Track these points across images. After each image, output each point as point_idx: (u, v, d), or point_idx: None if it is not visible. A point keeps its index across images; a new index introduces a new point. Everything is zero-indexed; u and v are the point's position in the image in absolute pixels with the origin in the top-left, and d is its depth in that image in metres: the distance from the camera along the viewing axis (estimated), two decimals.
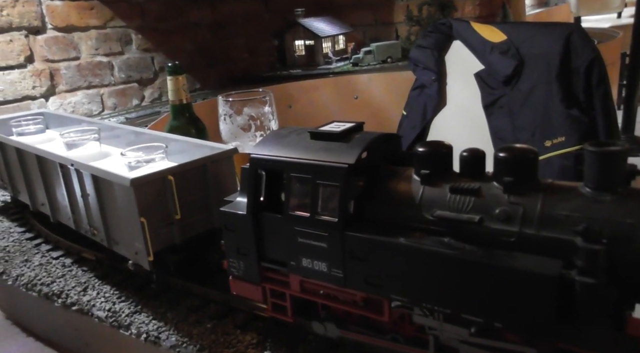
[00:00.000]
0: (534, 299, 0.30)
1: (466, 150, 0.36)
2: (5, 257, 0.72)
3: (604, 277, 0.28)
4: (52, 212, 0.68)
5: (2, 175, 0.81)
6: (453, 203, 0.35)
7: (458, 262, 0.33)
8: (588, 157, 0.31)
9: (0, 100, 1.48)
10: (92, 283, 0.61)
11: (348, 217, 0.37)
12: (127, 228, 0.53)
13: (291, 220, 0.39)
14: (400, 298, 0.36)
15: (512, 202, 0.33)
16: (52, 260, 0.69)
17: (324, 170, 0.38)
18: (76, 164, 0.57)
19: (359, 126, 0.42)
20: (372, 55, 2.06)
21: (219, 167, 0.56)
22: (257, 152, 0.41)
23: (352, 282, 0.38)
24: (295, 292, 0.42)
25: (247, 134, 0.77)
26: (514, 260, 0.31)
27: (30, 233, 0.78)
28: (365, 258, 0.36)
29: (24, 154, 0.70)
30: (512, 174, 0.33)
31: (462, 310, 0.33)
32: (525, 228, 0.32)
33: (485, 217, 0.34)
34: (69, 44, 1.64)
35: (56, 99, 1.62)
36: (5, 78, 1.48)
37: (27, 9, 1.51)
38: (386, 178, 0.39)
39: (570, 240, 0.30)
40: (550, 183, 0.33)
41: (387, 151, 0.42)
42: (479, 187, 0.35)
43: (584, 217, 0.30)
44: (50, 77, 1.60)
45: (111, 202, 0.54)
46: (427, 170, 0.37)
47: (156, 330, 0.50)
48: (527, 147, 0.34)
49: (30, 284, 0.64)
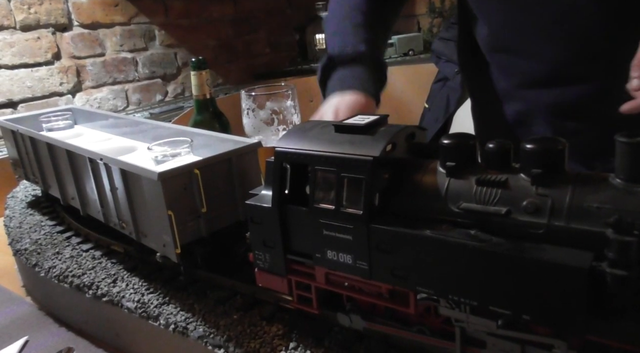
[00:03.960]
0: (564, 291, 0.30)
1: (492, 141, 0.36)
2: (38, 250, 0.74)
3: (637, 269, 0.27)
4: (82, 205, 0.70)
5: (33, 170, 0.83)
6: (480, 195, 0.35)
7: (485, 254, 0.32)
8: (619, 147, 0.30)
9: (29, 97, 1.52)
10: (122, 275, 0.62)
11: (373, 210, 0.37)
12: (155, 221, 0.54)
13: (316, 212, 0.40)
14: (427, 290, 0.36)
15: (540, 193, 0.33)
16: (82, 252, 0.71)
17: (349, 163, 0.38)
18: (105, 158, 0.58)
19: (384, 119, 0.42)
20: (393, 48, 2.04)
21: (244, 160, 0.56)
22: (282, 146, 0.42)
23: (377, 274, 0.38)
24: (321, 284, 0.42)
25: (270, 128, 0.78)
26: (542, 252, 0.31)
27: (60, 227, 0.80)
28: (391, 250, 0.37)
29: (55, 149, 0.71)
30: (540, 165, 0.33)
31: (489, 303, 0.33)
32: (554, 220, 0.32)
33: (512, 209, 0.33)
34: (94, 41, 1.67)
35: (83, 95, 1.66)
36: (34, 75, 1.52)
37: (54, 7, 1.54)
38: (411, 171, 0.39)
39: (602, 232, 0.29)
40: (579, 174, 0.33)
41: (412, 143, 0.42)
42: (506, 179, 0.34)
43: (616, 209, 0.30)
44: (76, 74, 1.63)
45: (139, 196, 0.56)
46: (453, 162, 0.37)
47: (184, 321, 0.51)
48: (555, 137, 0.33)
49: (62, 276, 0.66)
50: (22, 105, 1.48)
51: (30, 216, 0.87)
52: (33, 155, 0.80)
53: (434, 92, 1.57)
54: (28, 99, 1.49)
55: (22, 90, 1.47)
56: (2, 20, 1.41)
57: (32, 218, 0.86)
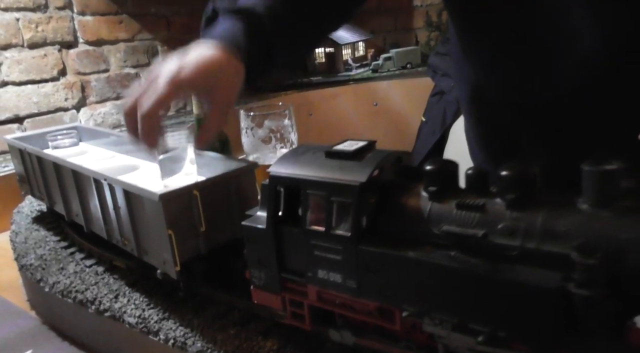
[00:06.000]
0: (534, 310, 0.32)
1: (471, 168, 0.38)
2: (43, 265, 0.76)
3: (601, 290, 0.30)
4: (85, 222, 0.73)
5: (39, 186, 0.86)
6: (459, 218, 0.37)
7: (463, 275, 0.35)
8: (585, 175, 0.33)
9: (35, 112, 1.55)
10: (123, 291, 0.65)
11: (361, 232, 0.40)
12: (155, 239, 0.56)
13: (308, 234, 0.42)
14: (411, 308, 0.38)
15: (514, 217, 0.35)
16: (85, 268, 0.73)
17: (338, 188, 0.40)
18: (109, 179, 0.61)
19: (371, 144, 0.44)
20: (391, 62, 2.07)
21: (241, 180, 0.59)
22: (276, 170, 0.44)
23: (365, 292, 0.40)
24: (313, 301, 0.44)
25: (268, 146, 0.80)
26: (515, 273, 0.33)
27: (65, 242, 0.83)
28: (377, 270, 0.39)
29: (61, 168, 0.74)
30: (514, 190, 0.35)
31: (469, 320, 0.35)
32: (526, 242, 0.34)
33: (489, 232, 0.35)
34: (99, 57, 1.71)
35: (87, 110, 1.69)
36: (40, 91, 1.56)
37: (61, 25, 1.58)
38: (397, 194, 0.41)
39: (569, 254, 0.31)
40: (551, 199, 0.35)
41: (398, 167, 0.44)
42: (484, 203, 0.37)
43: (581, 233, 0.32)
44: (81, 89, 1.67)
45: (141, 215, 0.58)
46: (435, 187, 0.39)
47: (183, 336, 0.53)
48: (528, 164, 0.35)
49: (66, 291, 0.68)
50: (28, 120, 1.51)
51: (35, 231, 0.89)
52: (39, 173, 0.82)
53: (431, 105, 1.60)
54: (34, 114, 1.52)
55: (29, 106, 1.51)
56: (10, 39, 1.44)
57: (37, 233, 0.88)
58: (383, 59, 2.07)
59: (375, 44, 2.39)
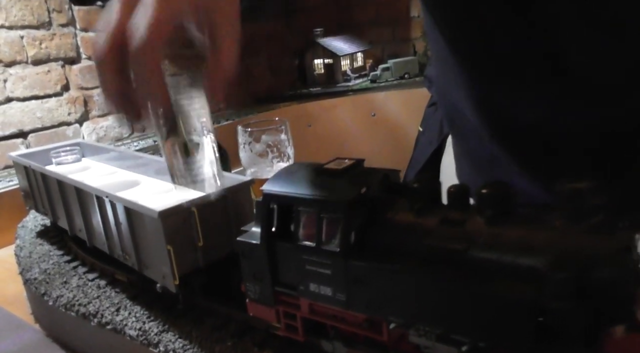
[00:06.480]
0: (511, 322, 0.33)
1: (453, 185, 0.40)
2: (47, 279, 0.78)
3: (571, 302, 0.31)
4: (88, 237, 0.75)
5: (43, 202, 0.88)
6: (442, 233, 0.39)
7: (445, 287, 0.36)
8: (558, 193, 0.35)
9: (39, 127, 1.58)
10: (124, 304, 0.67)
11: (349, 247, 0.41)
12: (155, 254, 0.58)
13: (299, 249, 0.44)
14: (397, 319, 0.40)
15: (492, 233, 0.37)
16: (88, 281, 0.75)
17: (327, 205, 0.42)
18: (110, 196, 0.63)
19: (359, 163, 0.46)
20: (389, 72, 2.10)
21: (238, 196, 0.61)
22: (269, 188, 0.46)
23: (353, 305, 0.42)
24: (305, 313, 0.46)
25: (265, 161, 0.83)
26: (493, 285, 0.35)
27: (68, 256, 0.85)
28: (365, 283, 0.41)
29: (64, 184, 0.76)
30: (493, 207, 0.37)
31: (451, 331, 0.37)
32: (504, 256, 0.36)
33: (470, 246, 0.37)
34: None
35: (89, 124, 1.72)
36: (44, 106, 1.58)
37: (64, 41, 1.62)
38: (384, 211, 0.43)
39: (542, 268, 0.33)
40: (527, 215, 0.37)
41: (385, 184, 0.46)
42: (465, 219, 0.38)
43: (554, 247, 0.34)
44: (84, 104, 1.70)
45: (141, 231, 0.60)
46: (419, 204, 0.41)
47: (182, 347, 0.55)
48: (504, 183, 0.37)
49: (69, 304, 0.70)
50: (32, 135, 1.54)
51: (39, 246, 0.91)
52: (44, 189, 0.85)
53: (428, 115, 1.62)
54: (38, 129, 1.55)
55: (33, 121, 1.54)
56: (15, 56, 1.47)
57: (41, 248, 0.90)
58: (381, 69, 2.10)
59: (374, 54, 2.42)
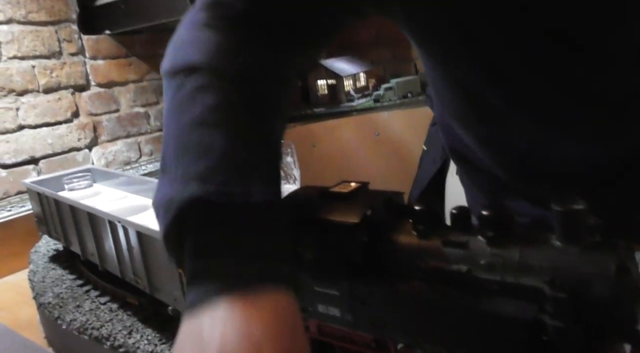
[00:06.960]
0: (513, 340, 0.35)
1: (455, 208, 0.42)
2: (60, 303, 0.80)
3: (569, 321, 0.33)
4: (100, 261, 0.76)
5: (55, 227, 0.90)
6: (445, 255, 0.40)
7: (449, 308, 0.38)
8: (555, 214, 0.36)
9: (50, 153, 1.61)
10: (136, 327, 0.68)
11: (355, 268, 0.43)
12: (166, 277, 0.60)
13: (308, 270, 0.45)
14: (403, 339, 0.41)
15: (494, 254, 0.38)
16: (100, 305, 0.77)
17: (334, 228, 0.44)
18: (122, 221, 0.65)
19: (364, 186, 0.48)
20: (392, 91, 2.12)
21: None
22: None
23: (361, 325, 0.43)
24: (314, 334, 0.47)
25: None
26: (495, 305, 0.36)
27: (80, 280, 0.87)
28: (371, 304, 0.42)
29: (76, 210, 0.78)
30: (494, 229, 0.39)
31: (456, 350, 0.38)
32: (506, 277, 0.37)
33: (472, 268, 0.39)
34: (110, 98, 1.78)
35: (99, 149, 1.75)
36: (54, 132, 1.62)
37: (74, 70, 1.66)
38: (388, 232, 0.45)
39: (542, 287, 0.34)
40: (526, 236, 0.38)
41: (389, 207, 0.48)
42: (467, 241, 0.40)
43: (552, 267, 0.35)
44: (93, 129, 1.73)
45: (153, 254, 0.62)
46: (423, 226, 0.42)
47: None
48: (504, 205, 0.39)
49: (82, 328, 0.71)
50: (43, 161, 1.57)
51: (52, 270, 0.93)
52: (56, 214, 0.87)
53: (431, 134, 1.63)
54: (49, 155, 1.58)
55: (44, 147, 1.57)
56: (27, 85, 1.52)
57: (54, 272, 0.92)
58: (384, 89, 2.12)
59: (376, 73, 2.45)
